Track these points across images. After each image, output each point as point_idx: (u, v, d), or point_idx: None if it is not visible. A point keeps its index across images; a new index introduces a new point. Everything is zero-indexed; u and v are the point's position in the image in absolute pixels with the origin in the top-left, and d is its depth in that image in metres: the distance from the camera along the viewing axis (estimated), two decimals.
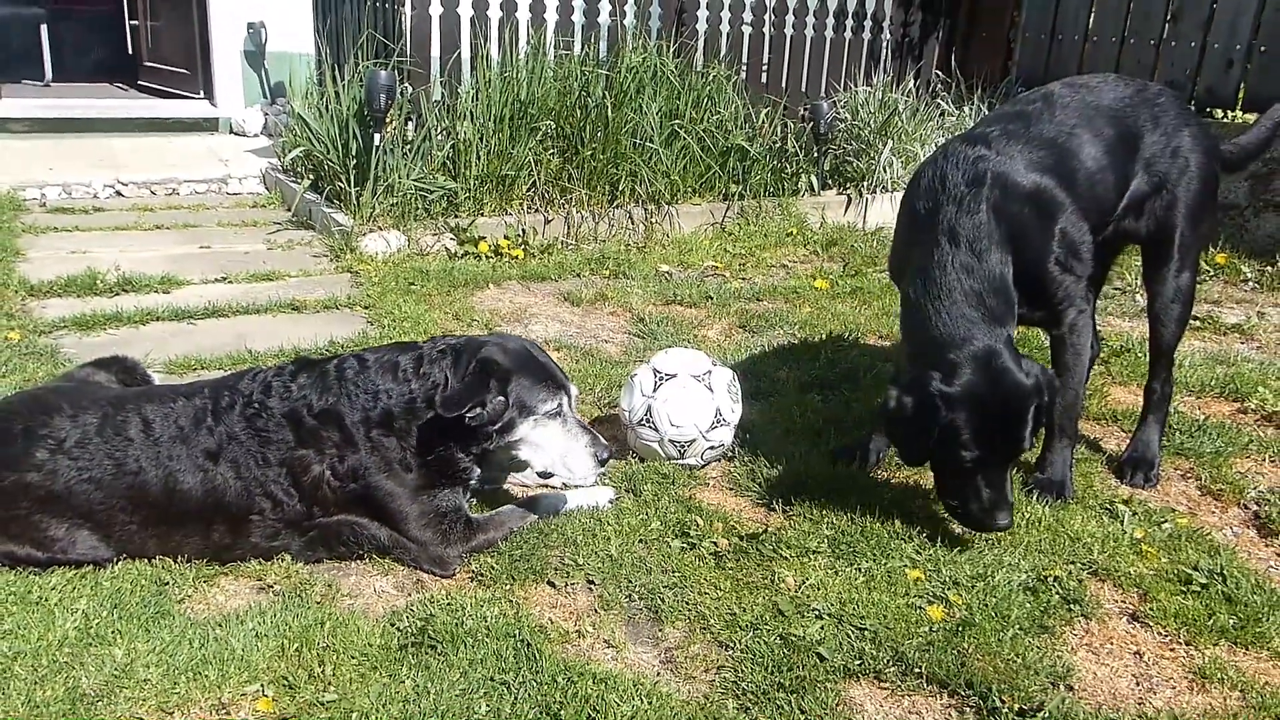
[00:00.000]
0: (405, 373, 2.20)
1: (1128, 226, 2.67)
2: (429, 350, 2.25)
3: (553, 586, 2.18)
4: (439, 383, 2.19)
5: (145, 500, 2.07)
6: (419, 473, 2.22)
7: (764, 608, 2.08)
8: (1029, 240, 2.42)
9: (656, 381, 2.71)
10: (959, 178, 2.45)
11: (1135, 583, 2.21)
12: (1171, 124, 2.64)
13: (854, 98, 6.07)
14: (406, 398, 2.20)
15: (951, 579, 2.18)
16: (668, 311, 4.07)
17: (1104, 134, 2.56)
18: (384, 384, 2.20)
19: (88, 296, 3.94)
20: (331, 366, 2.22)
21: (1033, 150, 2.47)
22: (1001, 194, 2.40)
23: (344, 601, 2.12)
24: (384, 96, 4.63)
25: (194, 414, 2.12)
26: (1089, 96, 2.63)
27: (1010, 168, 2.43)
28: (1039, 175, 2.44)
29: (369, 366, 2.22)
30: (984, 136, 2.53)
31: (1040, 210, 2.43)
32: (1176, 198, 2.63)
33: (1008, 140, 2.49)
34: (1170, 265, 2.68)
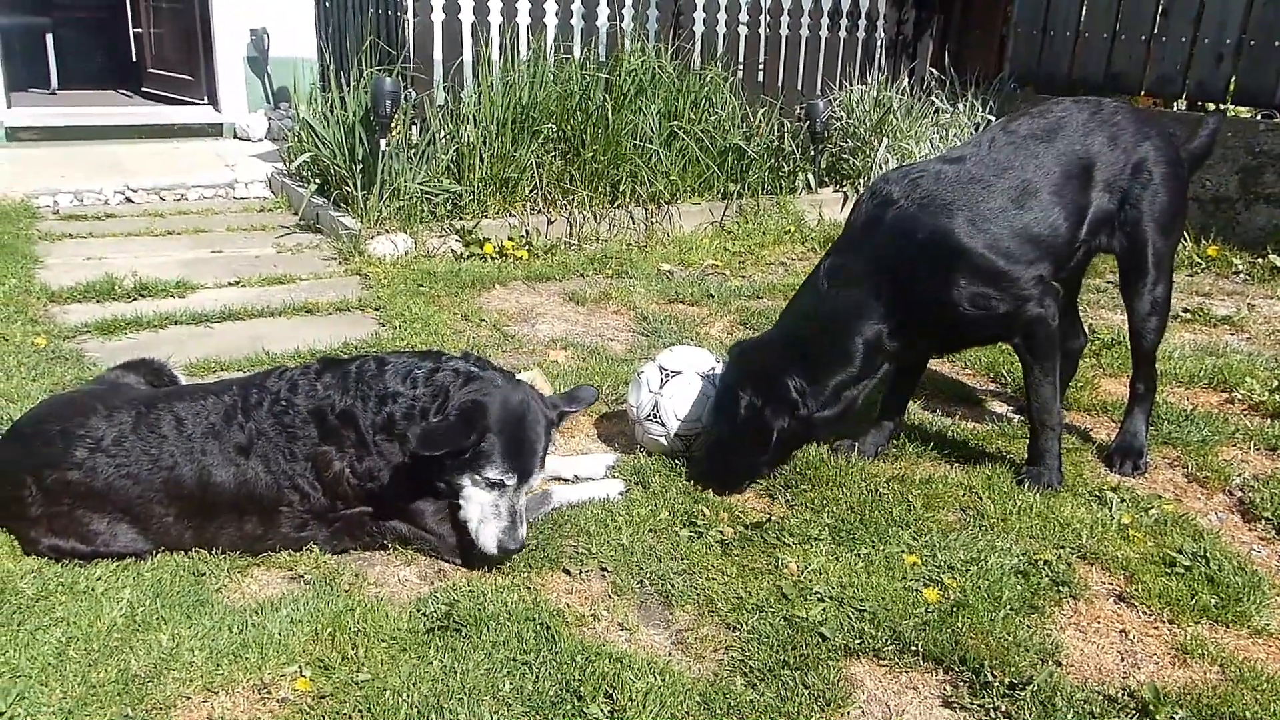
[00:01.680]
0: (414, 382, 2.28)
1: (1099, 244, 2.74)
2: (447, 364, 2.32)
3: (568, 574, 2.29)
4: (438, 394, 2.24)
5: (180, 493, 2.18)
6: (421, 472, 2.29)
7: (768, 592, 2.20)
8: (923, 287, 2.51)
9: (663, 378, 2.82)
10: (860, 214, 2.65)
11: (1122, 565, 2.33)
12: (1130, 140, 2.70)
13: (849, 96, 6.18)
14: (406, 405, 2.26)
15: (946, 563, 2.29)
16: (670, 310, 4.18)
17: (1049, 169, 2.60)
18: (393, 389, 2.28)
19: (107, 301, 4.05)
20: (353, 367, 2.33)
21: (951, 193, 2.52)
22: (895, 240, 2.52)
23: (371, 590, 2.23)
24: (389, 102, 4.73)
25: (225, 411, 2.23)
26: (1037, 130, 2.66)
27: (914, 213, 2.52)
28: (942, 219, 2.49)
29: (385, 371, 2.30)
30: (906, 176, 2.61)
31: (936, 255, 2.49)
32: (1143, 213, 2.69)
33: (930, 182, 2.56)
34: (1145, 279, 2.75)
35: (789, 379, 2.56)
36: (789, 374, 2.57)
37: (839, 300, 2.58)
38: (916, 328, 2.58)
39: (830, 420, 2.64)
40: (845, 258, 2.63)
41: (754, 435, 2.57)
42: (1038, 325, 2.58)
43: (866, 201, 2.67)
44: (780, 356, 2.61)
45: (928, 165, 2.68)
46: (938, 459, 2.89)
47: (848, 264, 2.61)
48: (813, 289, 2.67)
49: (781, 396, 2.55)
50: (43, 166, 6.21)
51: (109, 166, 6.32)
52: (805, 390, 2.56)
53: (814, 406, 2.58)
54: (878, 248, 2.57)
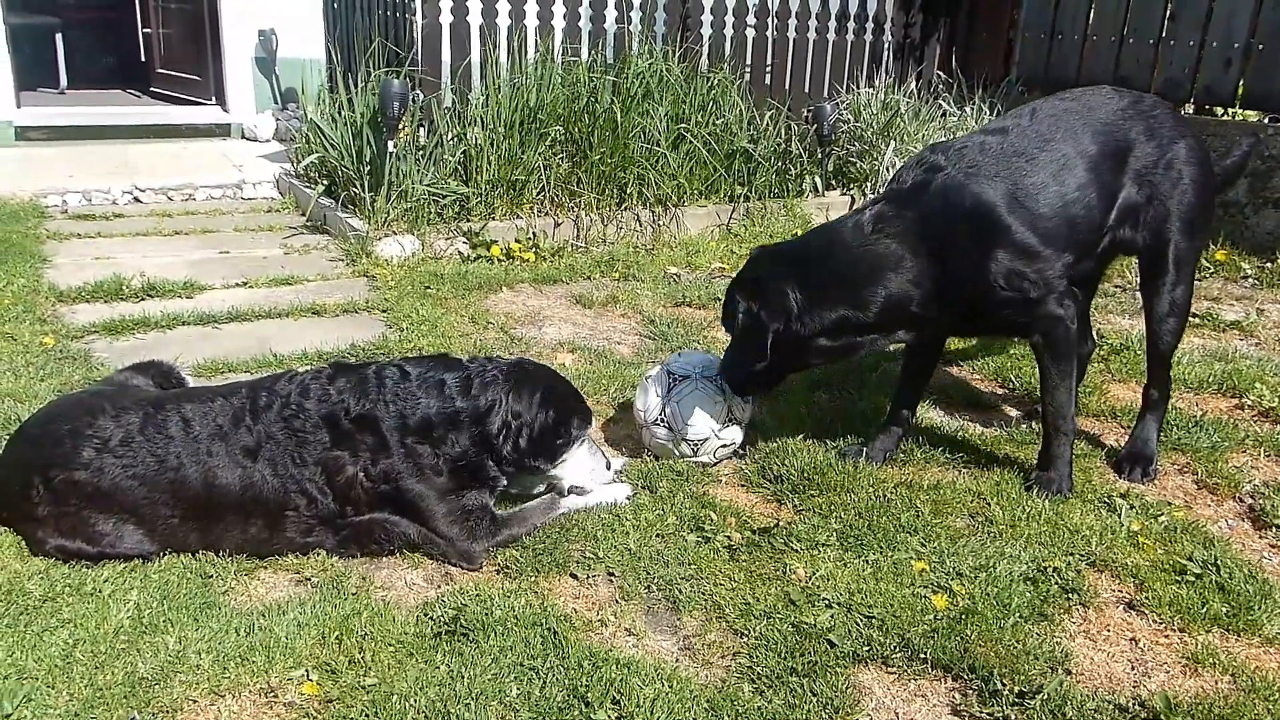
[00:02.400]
0: (450, 390, 2.32)
1: (1123, 236, 2.73)
2: (477, 370, 2.36)
3: (575, 578, 2.28)
4: (493, 404, 2.34)
5: (186, 495, 2.18)
6: (449, 478, 2.33)
7: (776, 598, 2.19)
8: (961, 256, 2.53)
9: (670, 382, 2.82)
10: (907, 177, 2.66)
11: (1132, 573, 2.32)
12: (1166, 136, 2.70)
13: (856, 99, 6.17)
14: (449, 411, 2.31)
15: (955, 570, 2.28)
16: (677, 313, 4.17)
17: (1086, 148, 2.61)
18: (426, 396, 2.30)
19: (115, 302, 4.06)
20: (371, 373, 2.33)
21: (996, 165, 2.55)
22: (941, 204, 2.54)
23: (378, 593, 2.23)
24: (397, 104, 4.74)
25: (233, 413, 2.23)
26: (1078, 109, 2.69)
27: (960, 181, 2.54)
28: (989, 190, 2.51)
29: (410, 378, 2.31)
30: (952, 147, 2.63)
31: (980, 225, 2.50)
32: (1170, 210, 2.69)
33: (975, 152, 2.58)
34: (1166, 279, 2.74)
35: (790, 289, 2.59)
36: (792, 285, 2.60)
37: (877, 246, 2.58)
38: (945, 298, 2.58)
39: (825, 350, 2.65)
40: (893, 209, 2.61)
41: (750, 336, 2.62)
42: (1056, 325, 2.57)
43: (913, 168, 2.67)
44: (791, 267, 2.65)
45: (971, 137, 2.70)
46: (946, 464, 2.88)
47: (895, 216, 2.59)
48: (856, 227, 2.64)
49: (778, 303, 2.59)
50: (51, 166, 6.23)
51: (117, 166, 6.34)
52: (804, 306, 2.59)
53: (811, 327, 2.60)
54: (924, 211, 2.57)
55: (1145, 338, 2.88)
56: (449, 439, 2.32)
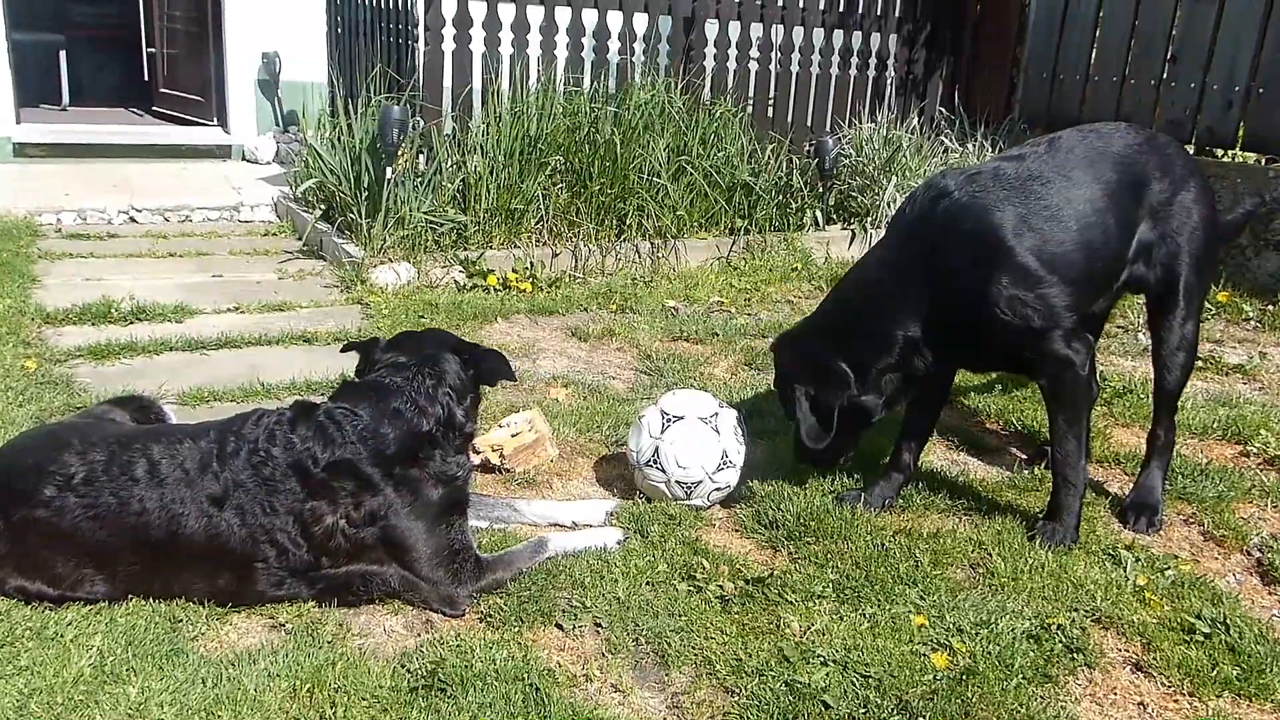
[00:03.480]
0: (410, 414, 2.26)
1: (1138, 273, 2.70)
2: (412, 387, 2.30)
3: (560, 629, 2.20)
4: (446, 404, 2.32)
5: (149, 542, 2.09)
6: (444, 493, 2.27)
7: (769, 653, 2.11)
8: (963, 281, 2.49)
9: (664, 423, 2.74)
10: (914, 206, 2.65)
11: (1138, 631, 2.23)
12: (1179, 174, 2.68)
13: (858, 134, 6.15)
14: (423, 432, 2.26)
15: (955, 625, 2.20)
16: (674, 348, 4.11)
17: (1106, 176, 2.60)
18: (393, 429, 2.24)
19: (102, 325, 3.99)
20: (324, 419, 2.23)
21: (1007, 189, 2.52)
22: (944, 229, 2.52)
23: (355, 641, 2.14)
24: (396, 130, 4.71)
25: (200, 457, 2.15)
26: (1096, 141, 2.67)
27: (965, 204, 2.51)
28: (995, 213, 2.47)
29: (361, 415, 2.24)
30: (964, 172, 2.61)
31: (982, 248, 2.47)
32: (1181, 246, 2.67)
33: (987, 177, 2.55)
34: (1176, 314, 2.71)
35: (837, 362, 2.64)
36: (836, 357, 2.65)
37: (884, 288, 2.63)
38: (951, 329, 2.55)
39: (878, 406, 2.70)
40: (893, 250, 2.66)
41: (818, 421, 2.68)
42: (1064, 369, 2.51)
43: (921, 194, 2.65)
44: (825, 341, 2.70)
45: (986, 164, 2.67)
46: (946, 511, 2.80)
47: (897, 252, 2.64)
48: (861, 274, 2.73)
49: (833, 377, 2.64)
50: (48, 183, 6.20)
51: (114, 185, 6.30)
52: (854, 372, 2.63)
53: (862, 389, 2.64)
54: (926, 238, 2.56)
55: (1153, 376, 2.82)
56: (435, 455, 2.28)
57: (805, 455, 2.80)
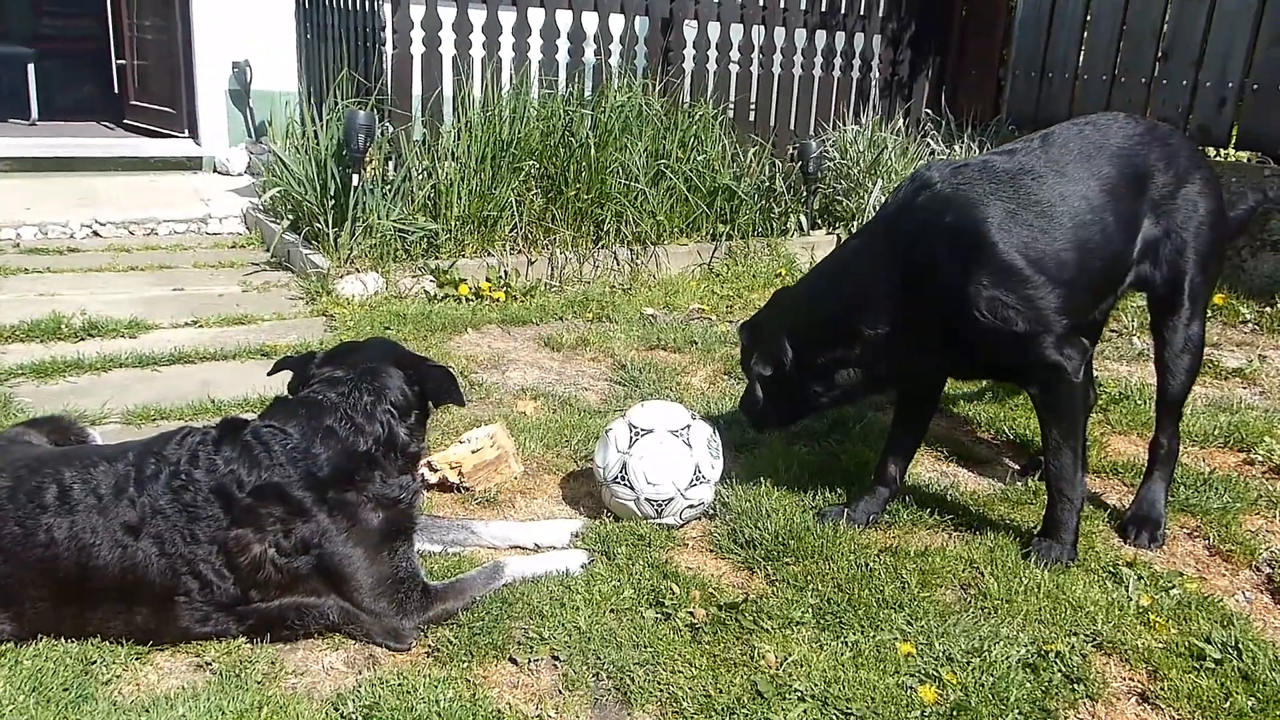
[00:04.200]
0: (345, 432, 2.09)
1: (1144, 273, 2.52)
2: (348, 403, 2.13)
3: (514, 663, 2.01)
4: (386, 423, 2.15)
5: (57, 575, 1.91)
6: (385, 519, 2.09)
7: (742, 688, 1.92)
8: (941, 278, 2.32)
9: (632, 437, 2.57)
10: (897, 196, 2.49)
11: (1143, 657, 2.05)
12: (1184, 167, 2.51)
13: (843, 136, 6.01)
14: (360, 452, 2.09)
15: (945, 654, 2.02)
16: (651, 357, 3.93)
17: (1103, 170, 2.43)
18: (325, 449, 2.06)
19: (51, 341, 3.81)
20: (250, 438, 2.06)
21: (995, 182, 2.36)
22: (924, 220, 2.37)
23: (288, 681, 1.95)
24: (362, 136, 4.54)
25: (115, 482, 1.96)
26: (1093, 134, 2.51)
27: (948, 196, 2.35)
28: (979, 206, 2.31)
29: (291, 434, 2.06)
30: (951, 165, 2.45)
31: (962, 243, 2.30)
32: (1186, 243, 2.50)
33: (974, 170, 2.39)
34: (1181, 314, 2.54)
35: (783, 336, 2.55)
36: (785, 331, 2.55)
37: (856, 281, 2.49)
38: (929, 331, 2.38)
39: (819, 396, 2.58)
40: (870, 239, 2.54)
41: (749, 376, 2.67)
42: (1055, 376, 2.32)
43: (906, 185, 2.49)
44: (789, 311, 2.62)
45: (976, 157, 2.54)
46: (935, 527, 2.63)
47: (872, 245, 2.50)
48: (833, 266, 2.64)
49: (769, 350, 2.57)
50: (10, 198, 6.00)
51: (80, 199, 6.12)
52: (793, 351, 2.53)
53: (803, 374, 2.54)
54: (906, 231, 2.40)
55: (1156, 381, 2.65)
56: (374, 477, 2.10)
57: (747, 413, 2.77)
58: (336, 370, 2.21)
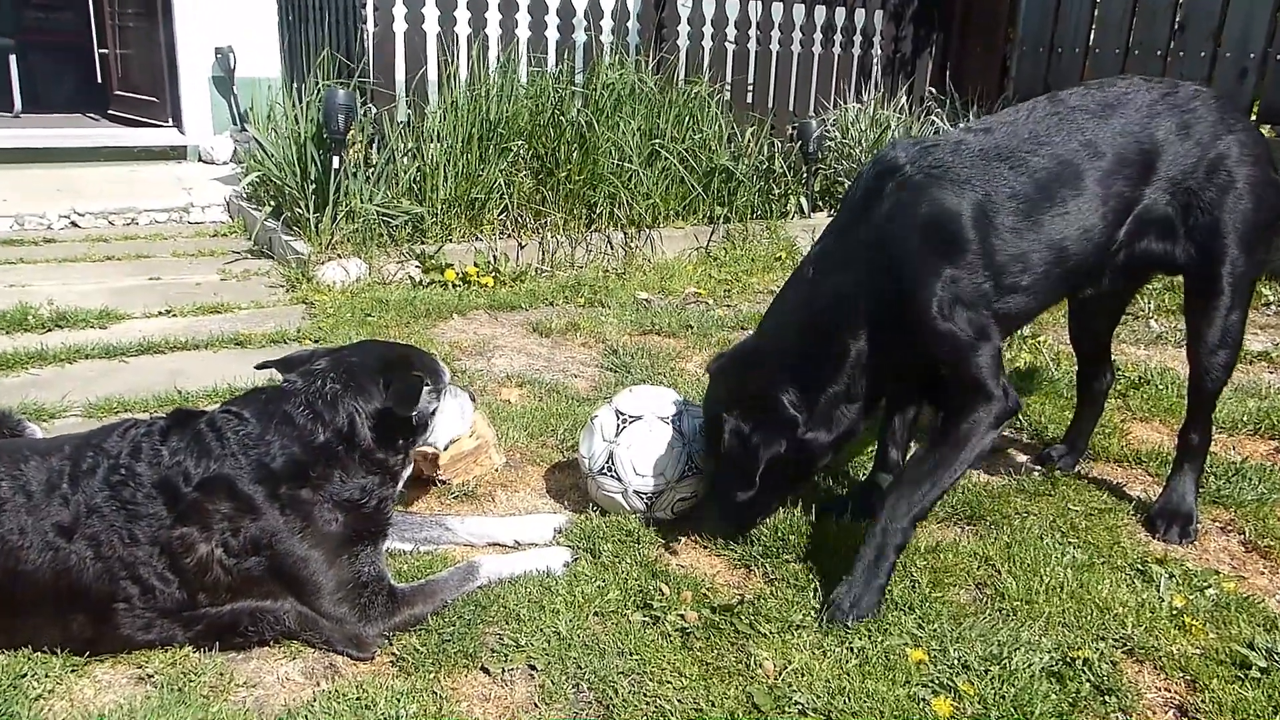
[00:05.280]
0: (302, 420, 1.91)
1: (1149, 250, 2.24)
2: (312, 390, 1.95)
3: (487, 673, 1.83)
4: (351, 418, 1.94)
5: None
6: (344, 523, 1.92)
7: (736, 701, 1.74)
8: (904, 274, 2.03)
9: (619, 424, 2.38)
10: (859, 186, 2.20)
11: (1180, 665, 1.86)
12: (1207, 132, 2.20)
13: (844, 115, 5.81)
14: (318, 444, 1.91)
15: (960, 661, 1.83)
16: (644, 342, 3.75)
17: (1096, 152, 2.13)
18: (280, 436, 1.89)
19: (16, 333, 3.64)
20: (204, 426, 1.90)
21: (968, 167, 2.07)
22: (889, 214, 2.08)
23: (237, 694, 1.77)
24: (343, 117, 4.35)
25: (47, 478, 1.79)
26: (1090, 105, 2.21)
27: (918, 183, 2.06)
28: (950, 196, 2.04)
29: (249, 420, 1.89)
30: (919, 144, 2.16)
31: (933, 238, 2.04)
32: (1219, 220, 2.19)
33: (945, 151, 2.11)
34: (1218, 301, 2.25)
35: (782, 393, 2.13)
36: (781, 387, 2.14)
37: (826, 292, 2.14)
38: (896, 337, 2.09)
39: (828, 447, 2.20)
40: (835, 239, 2.20)
41: (742, 466, 2.12)
42: (982, 408, 2.01)
43: (868, 171, 2.21)
44: (767, 366, 2.19)
45: (948, 134, 2.24)
46: (945, 521, 2.44)
47: (838, 247, 2.18)
48: (799, 280, 2.24)
49: (775, 417, 2.12)
50: None
51: (59, 190, 5.94)
52: (801, 405, 2.13)
53: (811, 426, 2.15)
54: (870, 226, 2.11)
55: (1188, 373, 2.39)
56: (334, 476, 1.91)
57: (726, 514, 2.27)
58: (321, 362, 2.03)
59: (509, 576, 2.10)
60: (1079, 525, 2.39)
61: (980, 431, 2.02)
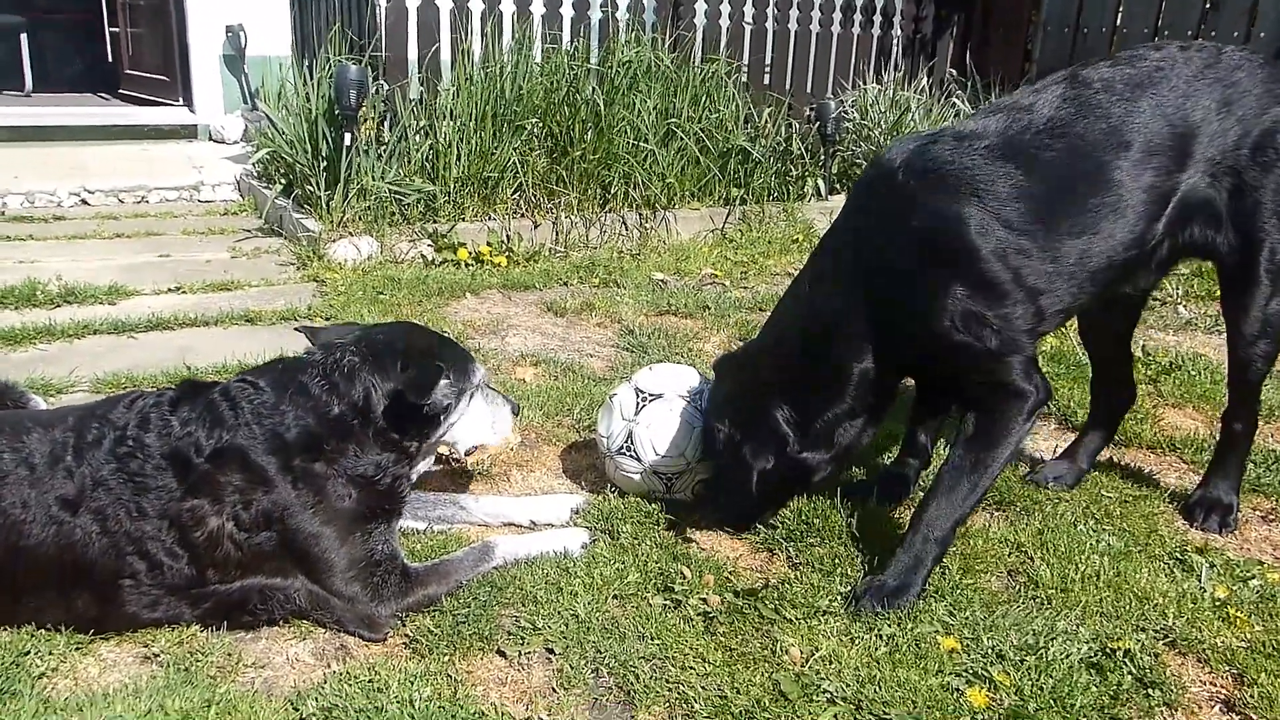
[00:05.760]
0: (318, 390, 1.85)
1: (1193, 239, 2.07)
2: (330, 362, 1.89)
3: (503, 656, 1.77)
4: (367, 392, 1.87)
5: None
6: (358, 499, 1.86)
7: (762, 688, 1.67)
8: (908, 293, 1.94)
9: (639, 403, 2.31)
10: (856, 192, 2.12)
11: (1225, 658, 1.79)
12: (1253, 106, 2.02)
13: (863, 96, 5.70)
14: (332, 416, 1.85)
15: (995, 650, 1.76)
16: (661, 322, 3.67)
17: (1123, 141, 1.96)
18: (294, 406, 1.83)
19: (25, 309, 3.59)
20: (218, 395, 1.84)
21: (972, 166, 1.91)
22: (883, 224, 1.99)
23: (245, 675, 1.72)
24: (354, 93, 4.28)
25: (50, 451, 1.73)
26: (1117, 82, 2.03)
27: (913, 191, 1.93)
28: (950, 204, 1.89)
29: (264, 389, 1.84)
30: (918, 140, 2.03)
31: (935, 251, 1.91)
32: (1262, 203, 2.03)
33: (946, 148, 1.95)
34: (1257, 291, 2.09)
35: (775, 408, 2.07)
36: (775, 401, 2.07)
37: (819, 309, 2.06)
38: (900, 353, 2.02)
39: (824, 464, 2.12)
40: (829, 254, 2.10)
41: (735, 474, 2.08)
42: (1014, 407, 1.92)
43: (865, 173, 2.10)
44: (765, 377, 2.12)
45: (952, 127, 2.08)
46: None
47: (831, 261, 2.08)
48: (795, 292, 2.16)
49: (765, 431, 2.06)
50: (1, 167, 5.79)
51: (70, 168, 5.91)
52: (794, 423, 2.06)
53: (805, 445, 2.08)
54: (864, 238, 2.02)
55: (1228, 363, 2.26)
56: (348, 450, 1.85)
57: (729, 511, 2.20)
58: (348, 337, 1.97)
59: (525, 557, 2.04)
60: (1113, 512, 2.32)
61: (1014, 429, 1.94)
